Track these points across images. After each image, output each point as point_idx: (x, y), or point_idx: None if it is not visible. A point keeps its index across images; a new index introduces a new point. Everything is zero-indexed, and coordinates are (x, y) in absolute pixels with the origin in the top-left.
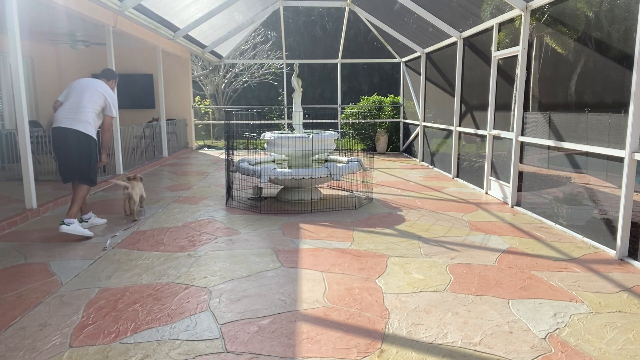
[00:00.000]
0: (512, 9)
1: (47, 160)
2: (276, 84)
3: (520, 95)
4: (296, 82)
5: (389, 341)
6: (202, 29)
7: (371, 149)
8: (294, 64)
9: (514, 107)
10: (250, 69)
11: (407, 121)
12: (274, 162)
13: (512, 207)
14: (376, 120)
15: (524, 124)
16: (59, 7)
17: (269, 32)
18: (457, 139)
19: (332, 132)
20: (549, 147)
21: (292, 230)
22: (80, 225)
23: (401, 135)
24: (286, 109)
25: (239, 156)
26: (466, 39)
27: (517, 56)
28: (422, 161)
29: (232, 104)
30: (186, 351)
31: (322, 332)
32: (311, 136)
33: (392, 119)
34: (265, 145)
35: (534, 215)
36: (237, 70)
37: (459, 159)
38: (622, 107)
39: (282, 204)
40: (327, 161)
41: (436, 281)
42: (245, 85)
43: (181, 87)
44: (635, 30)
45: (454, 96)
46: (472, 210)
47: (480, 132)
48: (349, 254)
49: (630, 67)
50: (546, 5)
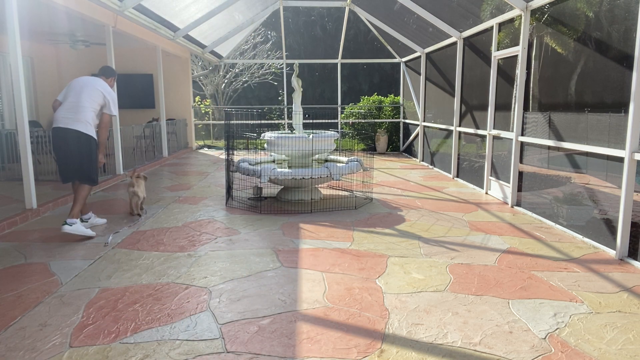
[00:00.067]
0: (512, 9)
1: (47, 160)
2: (276, 84)
3: (520, 95)
4: (296, 82)
5: (389, 341)
6: (202, 29)
7: (371, 149)
8: (294, 64)
9: (514, 107)
10: (250, 69)
11: (407, 121)
12: (274, 162)
13: (512, 207)
14: (376, 120)
15: (524, 124)
16: (59, 7)
17: (269, 32)
18: (457, 139)
19: (332, 132)
20: (549, 147)
21: (292, 230)
22: (82, 225)
23: (401, 135)
24: (286, 109)
25: (239, 156)
26: (466, 39)
27: (517, 56)
28: (422, 161)
29: (232, 104)
30: (186, 351)
31: (322, 332)
32: (311, 136)
33: (392, 119)
34: (265, 145)
35: (534, 215)
36: (237, 70)
37: (459, 159)
38: (622, 107)
39: (282, 204)
40: (327, 161)
41: (436, 281)
42: (245, 85)
43: (181, 87)
44: (635, 30)
45: (454, 96)
46: (472, 210)
47: (480, 132)
48: (349, 254)
49: (630, 67)
50: (546, 5)
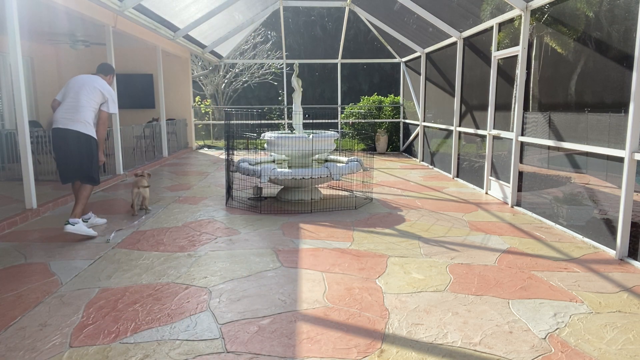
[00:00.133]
0: (512, 9)
1: (47, 160)
2: (276, 84)
3: (520, 95)
4: (296, 82)
5: (389, 341)
6: (202, 29)
7: (371, 149)
8: (294, 64)
9: (514, 107)
10: (250, 69)
11: (407, 121)
12: (274, 162)
13: (512, 207)
14: (376, 120)
15: (524, 124)
16: (59, 7)
17: (269, 32)
18: (457, 139)
19: (332, 132)
20: (549, 147)
21: (292, 230)
22: (84, 225)
23: (401, 135)
24: (286, 109)
25: (239, 156)
26: (466, 39)
27: (517, 56)
28: (422, 161)
29: (232, 104)
30: (186, 351)
31: (322, 332)
32: (311, 136)
33: (392, 119)
34: (265, 145)
35: (534, 215)
36: (237, 70)
37: (459, 159)
38: (622, 107)
39: (282, 204)
40: (327, 161)
41: (436, 281)
42: (245, 85)
43: (181, 87)
44: (635, 30)
45: (454, 96)
46: (472, 210)
47: (480, 132)
48: (349, 254)
49: (630, 67)
50: (546, 5)
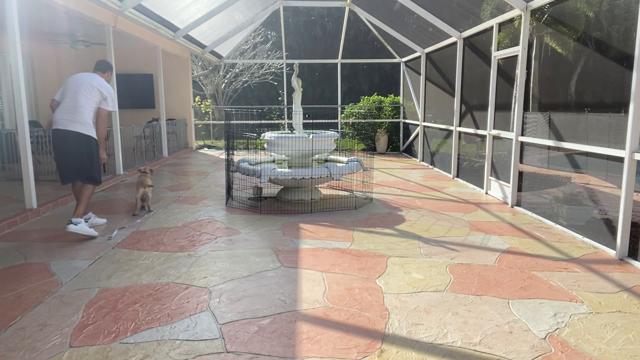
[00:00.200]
0: (512, 9)
1: (47, 160)
2: (276, 84)
3: (520, 95)
4: (296, 82)
5: (389, 341)
6: (202, 29)
7: (371, 149)
8: (294, 64)
9: (514, 107)
10: (250, 69)
11: (407, 121)
12: (274, 162)
13: (512, 207)
14: (376, 120)
15: (524, 124)
16: (59, 7)
17: (269, 32)
18: (457, 139)
19: (332, 132)
20: (549, 147)
21: (292, 230)
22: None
23: (401, 135)
24: (286, 109)
25: (239, 156)
26: (466, 39)
27: (517, 56)
28: (422, 161)
29: (232, 104)
30: (186, 351)
31: (322, 332)
32: (311, 136)
33: (392, 119)
34: (265, 145)
35: (534, 215)
36: (237, 70)
37: (459, 159)
38: (622, 107)
39: (282, 204)
40: (327, 161)
41: (436, 281)
42: (245, 85)
43: (181, 87)
44: (635, 30)
45: (454, 96)
46: (472, 210)
47: (480, 132)
48: (349, 254)
49: (630, 67)
50: (546, 5)
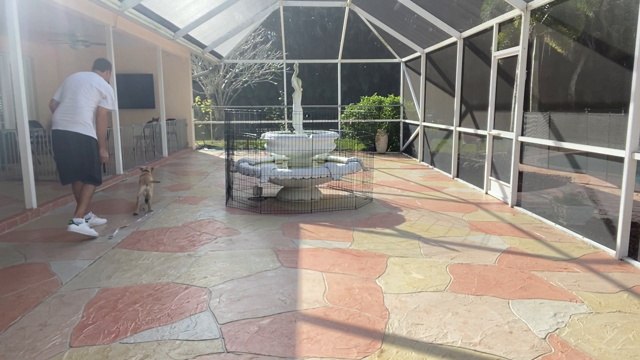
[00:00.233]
0: (512, 9)
1: (47, 160)
2: (276, 84)
3: (520, 95)
4: (296, 82)
5: (389, 341)
6: (202, 29)
7: (371, 149)
8: (294, 64)
9: (514, 107)
10: (250, 69)
11: (407, 121)
12: (274, 162)
13: (512, 207)
14: (376, 120)
15: (524, 124)
16: (59, 7)
17: (269, 32)
18: (457, 139)
19: (332, 132)
20: (549, 147)
21: (292, 230)
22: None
23: (401, 135)
24: (286, 109)
25: (239, 156)
26: (466, 39)
27: (517, 56)
28: (422, 161)
29: (232, 104)
30: (186, 351)
31: (322, 332)
32: (311, 136)
33: (392, 119)
34: (265, 145)
35: (534, 215)
36: (237, 70)
37: (459, 159)
38: (622, 107)
39: (282, 204)
40: (327, 161)
41: (436, 281)
42: (245, 85)
43: (181, 87)
44: (635, 30)
45: (454, 96)
46: (472, 210)
47: (480, 132)
48: (349, 254)
49: (630, 67)
50: (546, 5)
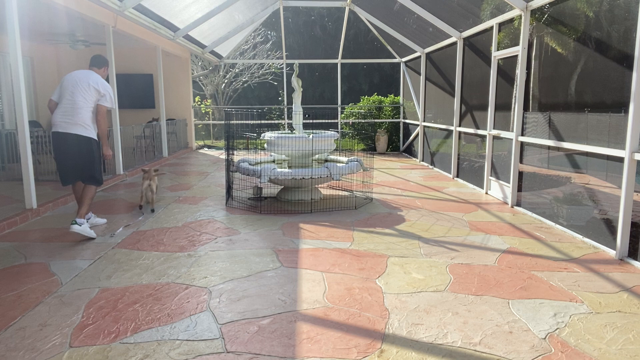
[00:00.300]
0: (512, 9)
1: (47, 160)
2: (276, 84)
3: (520, 95)
4: (296, 82)
5: (389, 341)
6: (202, 29)
7: (371, 149)
8: (294, 64)
9: (514, 107)
10: (250, 69)
11: (407, 121)
12: (274, 162)
13: (512, 207)
14: (376, 120)
15: (524, 124)
16: (59, 7)
17: (269, 32)
18: (457, 139)
19: (332, 132)
20: (549, 147)
21: (292, 230)
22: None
23: (401, 135)
24: (286, 109)
25: (239, 156)
26: (466, 39)
27: (517, 56)
28: (422, 161)
29: (232, 104)
30: (186, 351)
31: (322, 332)
32: (311, 136)
33: (392, 119)
34: (265, 145)
35: (534, 215)
36: (237, 70)
37: (459, 159)
38: (622, 107)
39: (282, 204)
40: (327, 161)
41: (436, 281)
42: (245, 85)
43: (181, 87)
44: (635, 30)
45: (454, 96)
46: (472, 210)
47: (480, 132)
48: (349, 254)
49: (630, 67)
50: (546, 5)
